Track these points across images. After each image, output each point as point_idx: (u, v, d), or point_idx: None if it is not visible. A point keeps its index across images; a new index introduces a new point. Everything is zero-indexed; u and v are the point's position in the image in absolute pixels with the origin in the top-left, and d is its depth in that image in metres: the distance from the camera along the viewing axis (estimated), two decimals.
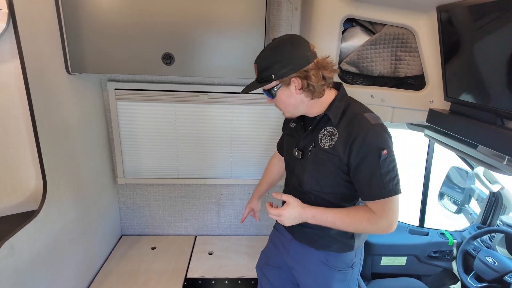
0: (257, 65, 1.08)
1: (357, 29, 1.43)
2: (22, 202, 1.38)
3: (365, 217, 1.06)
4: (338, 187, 1.12)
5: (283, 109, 1.15)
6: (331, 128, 1.09)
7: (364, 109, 1.09)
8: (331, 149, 1.07)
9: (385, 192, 1.02)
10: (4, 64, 1.21)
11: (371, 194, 1.04)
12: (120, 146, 1.98)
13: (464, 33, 1.10)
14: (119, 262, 1.94)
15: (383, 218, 1.04)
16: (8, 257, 1.13)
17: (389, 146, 1.02)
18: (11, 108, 1.27)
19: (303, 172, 1.17)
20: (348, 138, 1.03)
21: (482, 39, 1.01)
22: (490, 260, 1.68)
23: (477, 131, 1.05)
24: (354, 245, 1.21)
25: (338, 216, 1.08)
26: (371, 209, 1.06)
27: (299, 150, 1.18)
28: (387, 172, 1.01)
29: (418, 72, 1.36)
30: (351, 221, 1.08)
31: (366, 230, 1.09)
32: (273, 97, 1.10)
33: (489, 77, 1.01)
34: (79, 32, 1.42)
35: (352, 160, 1.03)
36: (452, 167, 2.40)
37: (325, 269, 1.22)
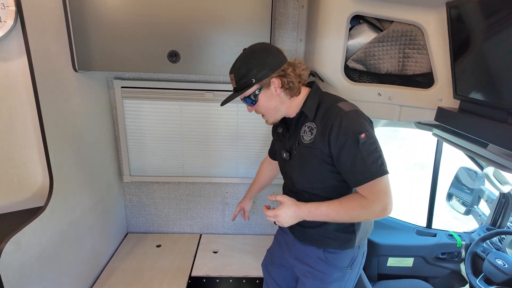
0: (234, 74, 1.10)
1: (364, 26, 1.41)
2: (29, 199, 1.40)
3: (357, 203, 1.05)
4: (327, 180, 1.13)
5: (265, 114, 1.17)
6: (310, 123, 1.12)
7: (338, 99, 1.12)
8: (312, 143, 1.10)
9: (369, 175, 1.02)
10: (12, 62, 1.23)
11: (357, 179, 1.04)
12: (126, 144, 1.99)
13: (474, 30, 1.07)
14: (125, 259, 1.95)
15: (375, 201, 1.03)
16: (15, 253, 1.14)
17: (367, 130, 1.03)
18: (18, 105, 1.28)
19: (293, 172, 1.20)
20: (324, 129, 1.06)
21: (493, 36, 0.98)
22: (500, 262, 1.64)
23: (488, 129, 1.03)
24: (355, 241, 1.20)
25: (331, 207, 1.08)
26: (362, 195, 1.05)
27: (287, 152, 1.20)
28: (368, 154, 1.01)
29: (426, 70, 1.34)
30: (344, 210, 1.07)
31: (361, 216, 1.08)
32: (254, 102, 1.12)
33: (500, 75, 0.99)
34: (86, 30, 1.43)
35: (332, 150, 1.05)
36: (461, 167, 2.36)
37: (324, 267, 1.22)
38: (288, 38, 1.82)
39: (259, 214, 2.21)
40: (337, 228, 1.17)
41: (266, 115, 1.17)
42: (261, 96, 1.11)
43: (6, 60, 1.22)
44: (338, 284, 1.23)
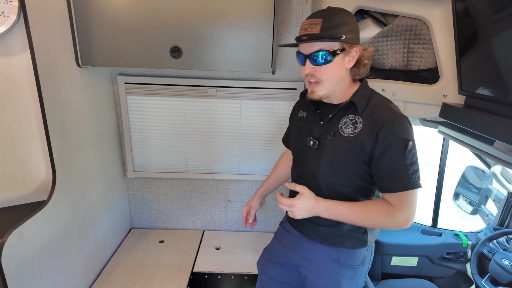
0: (323, 20, 0.96)
1: (368, 21, 1.39)
2: (32, 193, 1.41)
3: (383, 209, 1.03)
4: (355, 178, 1.08)
5: (325, 82, 1.03)
6: (354, 117, 1.05)
7: (388, 100, 1.08)
8: (354, 137, 1.03)
9: (408, 183, 0.99)
10: (15, 57, 1.24)
11: (394, 185, 1.01)
12: (130, 140, 2.00)
13: (480, 24, 1.04)
14: (128, 254, 1.96)
15: (402, 211, 1.01)
16: (17, 245, 1.15)
17: (413, 138, 1.00)
18: (21, 100, 1.29)
19: (319, 162, 1.11)
20: (374, 127, 1.00)
21: (500, 29, 0.95)
22: (506, 263, 1.60)
23: (494, 125, 1.00)
24: (368, 241, 1.18)
25: (353, 209, 1.04)
26: (389, 202, 1.03)
27: (315, 139, 1.12)
28: (411, 164, 0.99)
29: (431, 65, 1.31)
30: (368, 214, 1.03)
31: (383, 224, 1.05)
32: (328, 61, 0.99)
33: (508, 69, 0.96)
34: (89, 26, 1.44)
35: (376, 149, 1.00)
36: (468, 166, 2.31)
37: (336, 267, 1.19)
38: (292, 33, 1.81)
39: (262, 211, 2.20)
40: (351, 228, 1.15)
41: (325, 83, 1.03)
42: (338, 59, 0.99)
43: (9, 55, 1.23)
44: (350, 282, 1.21)
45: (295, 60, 1.85)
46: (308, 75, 1.04)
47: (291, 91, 1.88)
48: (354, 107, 1.06)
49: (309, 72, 1.03)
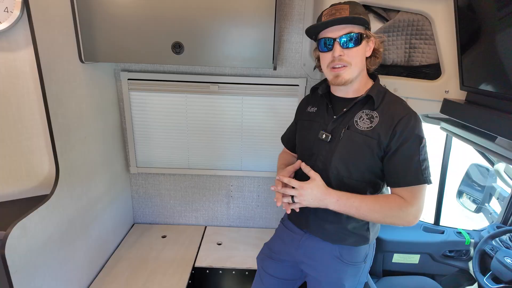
0: (350, 5, 1.02)
1: (371, 16, 1.38)
2: (36, 187, 1.43)
3: (396, 203, 1.03)
4: (367, 173, 1.09)
5: (353, 64, 1.04)
6: (370, 111, 1.07)
7: (401, 99, 1.10)
8: (370, 131, 1.04)
9: (421, 178, 1.01)
10: (19, 52, 1.26)
11: (407, 179, 1.02)
12: (132, 136, 2.02)
13: (482, 19, 1.03)
14: (130, 249, 1.98)
15: (414, 205, 1.02)
16: (21, 238, 1.17)
17: (424, 134, 1.03)
18: (25, 95, 1.31)
19: (332, 155, 1.11)
20: (391, 121, 1.02)
21: (502, 25, 0.94)
22: (508, 261, 1.59)
23: (496, 121, 0.99)
24: (370, 238, 1.18)
25: (365, 201, 1.03)
26: (401, 196, 1.04)
27: (327, 133, 1.12)
28: (424, 159, 1.01)
29: (433, 60, 1.30)
30: (380, 207, 1.02)
31: (394, 218, 1.03)
32: (357, 44, 1.02)
33: (509, 65, 0.95)
34: (92, 21, 1.45)
35: (393, 143, 1.02)
36: (472, 164, 2.30)
37: (338, 264, 1.20)
38: (294, 29, 1.80)
39: (263, 208, 2.21)
40: (356, 226, 1.16)
41: (353, 67, 1.04)
42: (363, 43, 1.04)
43: (13, 50, 1.24)
44: (353, 279, 1.22)
45: (296, 56, 1.86)
46: (335, 60, 1.03)
47: (292, 87, 1.88)
48: (370, 102, 1.07)
49: (338, 55, 1.02)
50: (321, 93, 1.18)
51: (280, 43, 1.82)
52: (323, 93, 1.18)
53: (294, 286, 1.38)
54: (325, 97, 1.18)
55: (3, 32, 1.20)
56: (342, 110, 1.11)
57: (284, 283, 1.36)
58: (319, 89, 1.20)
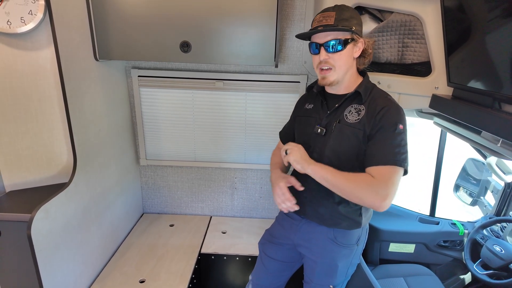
0: (337, 13, 1.11)
1: (366, 16, 1.47)
2: (55, 175, 1.55)
3: (364, 179, 1.08)
4: (357, 162, 1.19)
5: (337, 68, 1.15)
6: (358, 105, 1.18)
7: (386, 93, 1.21)
8: (358, 123, 1.15)
9: (390, 159, 1.07)
10: (42, 51, 1.37)
11: (378, 159, 1.09)
12: (142, 130, 2.13)
13: (466, 21, 1.11)
14: (140, 236, 2.10)
15: (381, 184, 1.06)
16: (44, 219, 1.29)
17: (404, 124, 1.11)
18: (46, 90, 1.43)
19: (325, 147, 1.22)
20: (374, 111, 1.13)
21: (485, 26, 1.03)
22: (497, 249, 1.68)
23: (478, 115, 1.08)
24: (362, 222, 1.29)
25: (337, 174, 1.10)
26: (372, 176, 1.10)
27: (322, 127, 1.23)
28: (398, 145, 1.09)
29: (424, 59, 1.38)
30: (350, 180, 1.09)
31: (361, 193, 1.07)
32: (340, 49, 1.12)
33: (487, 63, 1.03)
34: (106, 22, 1.56)
35: (372, 129, 1.12)
36: (468, 158, 2.37)
37: (333, 246, 1.31)
38: (296, 28, 1.89)
39: (266, 199, 2.31)
40: (347, 210, 1.26)
41: (337, 69, 1.16)
42: (348, 47, 1.13)
43: (36, 49, 1.36)
44: (346, 260, 1.33)
45: (297, 55, 1.95)
46: (321, 63, 1.16)
47: (293, 84, 1.98)
48: (359, 97, 1.19)
49: (324, 59, 1.14)
50: (316, 91, 1.30)
51: (281, 41, 1.91)
52: (318, 91, 1.30)
53: (293, 268, 1.50)
54: (320, 94, 1.29)
55: (28, 33, 1.32)
56: (335, 106, 1.22)
57: (284, 265, 1.47)
58: (314, 87, 1.32)
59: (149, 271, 1.79)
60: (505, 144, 0.99)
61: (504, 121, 0.92)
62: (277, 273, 1.48)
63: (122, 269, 1.80)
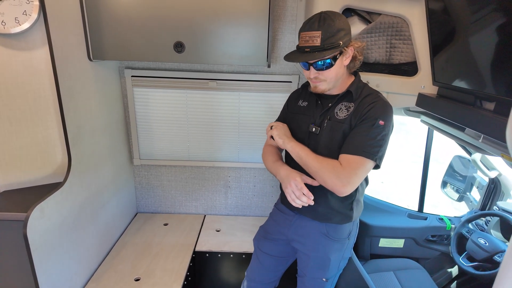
0: (323, 32, 1.07)
1: (355, 18, 1.52)
2: (50, 175, 1.56)
3: (331, 163, 1.14)
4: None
5: (327, 80, 1.18)
6: (348, 103, 1.22)
7: (377, 91, 1.25)
8: (345, 119, 1.20)
9: (359, 150, 1.12)
10: (36, 51, 1.38)
11: (347, 148, 1.15)
12: (136, 129, 2.15)
13: (450, 23, 1.17)
14: (134, 235, 2.12)
15: (345, 170, 1.11)
16: (40, 218, 1.30)
17: (387, 121, 1.14)
18: (41, 90, 1.44)
19: (318, 144, 1.26)
20: (362, 108, 1.17)
21: (467, 28, 1.08)
22: (482, 241, 1.75)
23: (461, 112, 1.13)
24: (353, 216, 1.34)
25: (308, 153, 1.19)
26: (341, 162, 1.15)
27: (316, 126, 1.27)
28: (372, 138, 1.12)
29: (411, 59, 1.44)
30: (319, 162, 1.16)
31: (326, 176, 1.12)
32: (330, 66, 1.13)
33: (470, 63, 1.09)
34: (99, 23, 1.57)
35: (357, 122, 1.16)
36: (455, 156, 2.45)
37: (325, 240, 1.35)
38: (287, 29, 1.93)
39: (259, 197, 2.35)
40: (339, 206, 1.31)
41: (327, 81, 1.18)
42: (338, 61, 1.14)
43: (31, 50, 1.37)
44: (338, 254, 1.37)
45: None
46: (312, 78, 1.20)
47: (286, 84, 2.02)
48: (349, 95, 1.23)
49: (314, 76, 1.18)
50: (311, 91, 1.32)
51: (274, 42, 1.95)
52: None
53: (287, 263, 1.54)
54: (315, 94, 1.31)
55: (22, 33, 1.33)
56: (328, 105, 1.26)
57: (278, 260, 1.51)
58: (309, 86, 1.35)
59: (144, 269, 1.81)
60: (486, 140, 1.05)
61: (484, 117, 0.97)
62: (272, 268, 1.52)
63: (117, 268, 1.81)
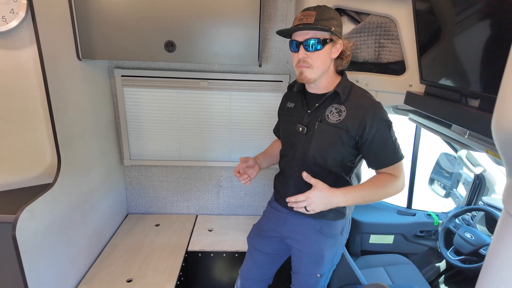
0: (317, 12, 1.13)
1: (345, 18, 1.54)
2: (39, 176, 1.53)
3: (389, 181, 1.19)
4: (339, 159, 1.25)
5: (314, 66, 1.18)
6: (339, 106, 1.23)
7: (365, 91, 1.26)
8: (340, 123, 1.20)
9: (399, 155, 1.21)
10: (24, 50, 1.36)
11: (388, 160, 1.20)
12: (126, 130, 2.13)
13: (436, 23, 1.21)
14: (126, 236, 2.09)
15: (401, 178, 1.21)
16: (29, 220, 1.28)
17: (388, 117, 1.20)
18: (29, 90, 1.41)
19: (308, 146, 1.27)
20: (358, 113, 1.18)
21: (453, 28, 1.12)
22: (468, 236, 1.80)
23: (448, 109, 1.17)
24: (346, 213, 1.36)
25: (366, 189, 1.19)
26: (388, 173, 1.21)
27: (303, 126, 1.28)
28: (395, 140, 1.20)
29: (399, 58, 1.47)
30: (379, 189, 1.19)
31: (391, 192, 1.20)
32: (319, 48, 1.14)
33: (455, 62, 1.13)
34: (89, 22, 1.56)
35: (366, 134, 1.18)
36: (442, 153, 2.51)
37: (319, 236, 1.37)
38: (278, 29, 1.93)
39: (252, 196, 2.36)
40: None
41: (314, 68, 1.18)
42: (327, 47, 1.16)
43: (18, 48, 1.34)
44: (331, 249, 1.39)
45: (280, 54, 2.01)
46: (300, 61, 1.19)
47: (276, 83, 2.03)
48: (338, 97, 1.23)
49: (302, 57, 1.18)
50: (297, 90, 1.34)
51: (264, 42, 1.96)
52: (298, 90, 1.34)
53: (281, 260, 1.55)
54: (300, 93, 1.33)
55: (9, 32, 1.30)
56: (315, 105, 1.27)
57: (272, 257, 1.52)
58: (294, 86, 1.36)
59: (136, 270, 1.79)
60: (472, 136, 1.08)
61: (470, 114, 1.01)
62: (266, 266, 1.53)
63: (108, 269, 1.79)
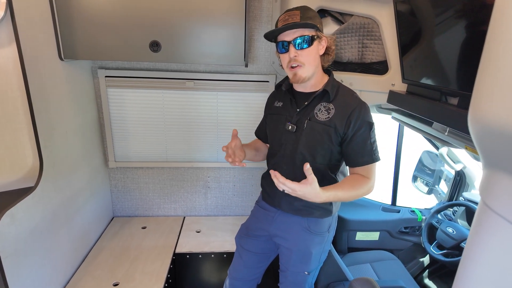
0: (301, 11, 1.17)
1: (328, 19, 1.57)
2: (21, 179, 1.49)
3: (361, 182, 1.24)
4: (327, 156, 1.28)
5: (306, 64, 1.19)
6: (327, 104, 1.25)
7: (352, 91, 1.30)
8: (328, 121, 1.23)
9: (374, 157, 1.24)
10: (2, 49, 1.31)
11: (364, 160, 1.24)
12: (110, 131, 2.09)
13: (415, 23, 1.24)
14: (112, 239, 2.06)
15: (371, 180, 1.25)
16: (10, 225, 1.24)
17: (372, 119, 1.24)
18: (9, 91, 1.37)
19: (297, 143, 1.29)
20: (345, 112, 1.21)
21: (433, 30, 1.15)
22: (450, 230, 1.86)
23: (425, 107, 1.21)
24: (332, 211, 1.38)
25: (345, 190, 1.22)
26: (361, 174, 1.25)
27: (293, 124, 1.29)
28: (374, 141, 1.23)
29: (382, 58, 1.51)
30: (355, 190, 1.23)
31: (362, 193, 1.25)
32: (308, 46, 1.17)
33: (436, 62, 1.16)
34: (71, 20, 1.52)
35: (349, 131, 1.21)
36: (424, 151, 2.58)
37: (307, 234, 1.38)
38: (263, 30, 1.96)
39: (240, 196, 2.36)
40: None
41: (306, 65, 1.20)
42: (315, 44, 1.19)
43: None
44: (319, 247, 1.41)
45: (266, 55, 2.02)
46: (291, 60, 1.20)
47: (263, 84, 2.04)
48: (326, 95, 1.26)
49: (293, 56, 1.18)
50: (285, 89, 1.36)
51: (250, 42, 1.97)
52: (287, 89, 1.35)
53: (269, 259, 1.56)
54: (288, 92, 1.35)
55: None
56: (304, 103, 1.29)
57: (260, 257, 1.52)
58: (282, 85, 1.38)
59: (123, 274, 1.76)
60: (451, 133, 1.12)
61: (449, 111, 1.04)
62: (254, 265, 1.54)
63: (94, 273, 1.75)
